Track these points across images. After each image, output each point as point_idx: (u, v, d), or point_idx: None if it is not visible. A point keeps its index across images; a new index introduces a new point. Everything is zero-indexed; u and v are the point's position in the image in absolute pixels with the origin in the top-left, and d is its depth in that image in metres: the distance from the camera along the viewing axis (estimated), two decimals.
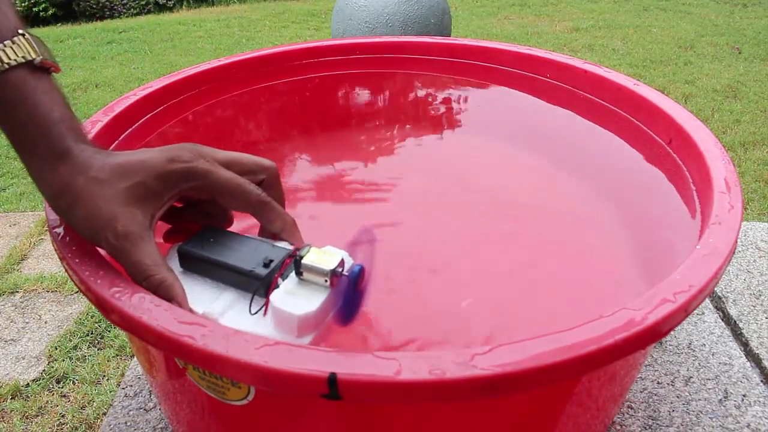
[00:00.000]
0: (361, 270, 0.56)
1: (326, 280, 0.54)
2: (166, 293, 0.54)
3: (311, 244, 0.57)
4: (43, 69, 0.55)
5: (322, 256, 0.55)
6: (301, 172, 0.96)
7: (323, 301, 0.53)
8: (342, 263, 0.55)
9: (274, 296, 0.54)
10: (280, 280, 0.55)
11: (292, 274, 0.55)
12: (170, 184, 0.57)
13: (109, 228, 0.54)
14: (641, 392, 0.88)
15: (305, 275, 0.54)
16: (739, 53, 3.61)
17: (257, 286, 0.55)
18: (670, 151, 0.87)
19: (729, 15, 4.50)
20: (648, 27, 4.29)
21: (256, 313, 0.54)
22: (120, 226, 0.54)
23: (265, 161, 0.62)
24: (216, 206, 0.62)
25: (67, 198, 0.55)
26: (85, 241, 0.61)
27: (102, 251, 0.59)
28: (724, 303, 1.06)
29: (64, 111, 0.57)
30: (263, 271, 0.55)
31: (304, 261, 0.54)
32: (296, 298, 0.53)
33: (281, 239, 0.59)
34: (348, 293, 0.55)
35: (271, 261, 0.55)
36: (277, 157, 0.98)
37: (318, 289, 0.54)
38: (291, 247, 0.58)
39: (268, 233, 0.60)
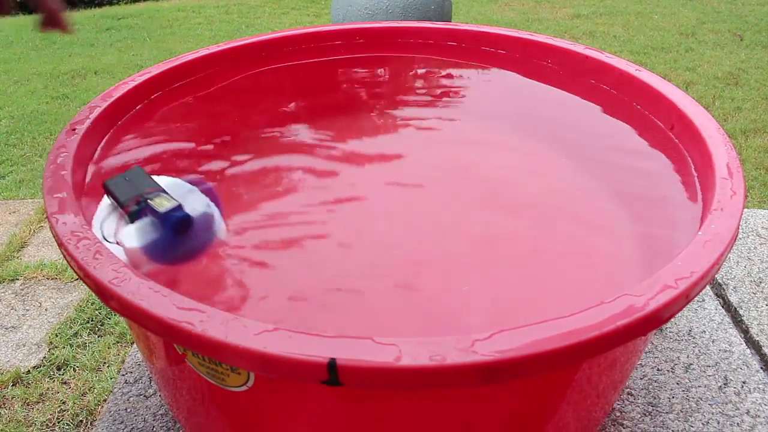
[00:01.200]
0: (185, 218, 0.65)
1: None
2: None
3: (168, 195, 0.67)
4: None
5: (163, 201, 0.65)
6: (300, 153, 0.95)
7: (150, 239, 0.63)
8: (176, 209, 0.64)
9: (126, 229, 0.65)
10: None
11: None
12: None
13: None
14: (641, 379, 0.88)
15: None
16: (741, 40, 3.59)
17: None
18: (672, 136, 0.86)
19: (731, 1, 4.47)
20: (649, 13, 4.26)
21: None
22: None
23: None
24: None
25: None
26: (84, 229, 0.61)
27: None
28: (724, 290, 1.06)
29: None
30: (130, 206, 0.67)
31: (149, 202, 0.65)
32: (137, 235, 0.65)
33: None
34: (168, 235, 0.64)
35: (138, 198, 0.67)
36: (276, 141, 0.98)
37: (153, 230, 0.65)
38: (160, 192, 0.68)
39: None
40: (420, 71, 1.18)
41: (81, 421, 1.27)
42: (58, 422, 1.27)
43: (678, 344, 0.94)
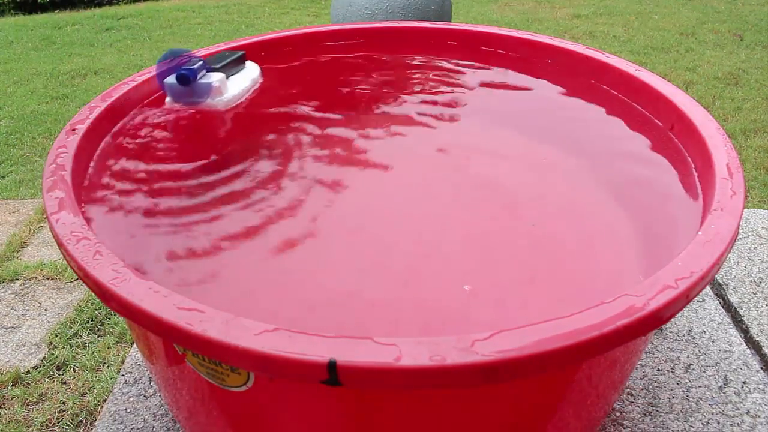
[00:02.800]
0: (185, 75, 0.95)
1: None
2: None
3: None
4: None
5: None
6: (299, 152, 0.95)
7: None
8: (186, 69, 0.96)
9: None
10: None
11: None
12: None
13: None
14: (641, 379, 0.88)
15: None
16: (741, 40, 3.59)
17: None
18: (672, 136, 0.86)
19: (731, 1, 4.48)
20: (649, 13, 4.26)
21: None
22: None
23: None
24: None
25: None
26: (84, 229, 0.61)
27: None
28: (724, 290, 1.06)
29: None
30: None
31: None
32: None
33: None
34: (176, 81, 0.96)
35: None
36: (275, 140, 0.98)
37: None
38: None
39: None
40: (419, 71, 1.18)
41: (81, 421, 1.27)
42: (58, 422, 1.27)
43: (678, 344, 0.94)
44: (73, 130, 0.81)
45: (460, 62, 1.17)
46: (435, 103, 1.09)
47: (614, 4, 4.55)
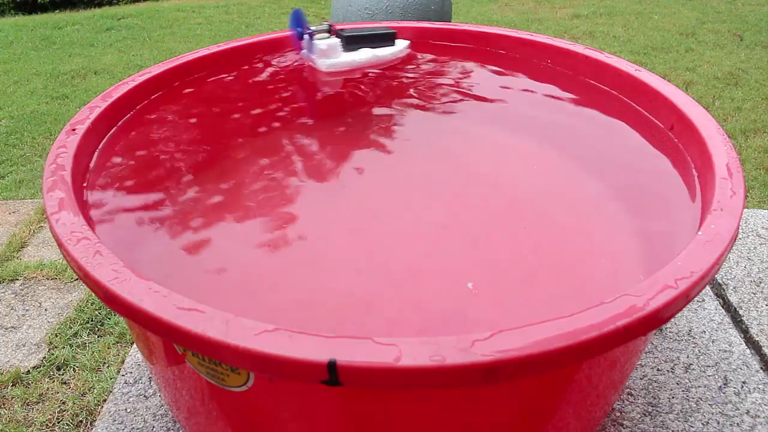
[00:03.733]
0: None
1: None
2: None
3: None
4: None
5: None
6: (300, 152, 0.95)
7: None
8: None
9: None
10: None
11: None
12: None
13: None
14: (641, 379, 0.88)
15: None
16: (741, 40, 3.59)
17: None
18: (672, 136, 0.86)
19: (731, 1, 4.47)
20: (649, 14, 4.26)
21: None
22: None
23: None
24: None
25: None
26: (83, 229, 0.61)
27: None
28: (724, 290, 1.06)
29: None
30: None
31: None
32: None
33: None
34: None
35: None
36: (276, 140, 0.98)
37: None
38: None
39: None
40: (419, 71, 1.18)
41: (81, 421, 1.27)
42: (58, 422, 1.27)
43: (678, 344, 0.94)
44: (73, 130, 0.81)
45: (460, 62, 1.17)
46: (434, 103, 1.09)
47: (614, 4, 4.55)
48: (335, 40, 1.16)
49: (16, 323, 1.54)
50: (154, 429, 0.84)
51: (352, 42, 1.17)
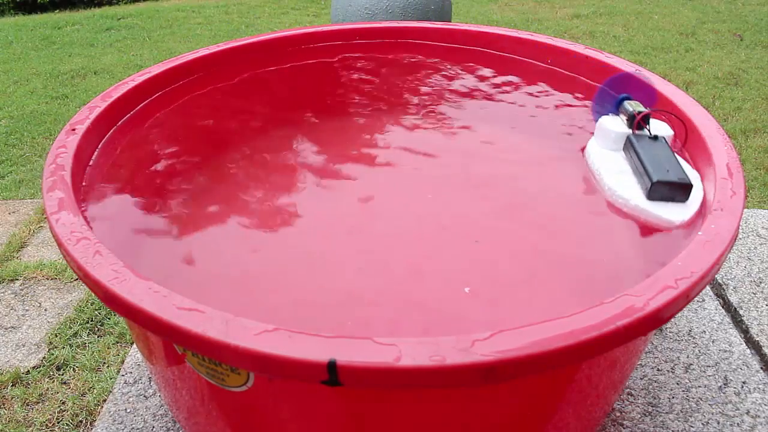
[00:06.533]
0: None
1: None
2: None
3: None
4: None
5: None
6: (300, 152, 0.95)
7: None
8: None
9: None
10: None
11: None
12: None
13: None
14: (641, 379, 0.88)
15: None
16: (741, 40, 3.59)
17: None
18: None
19: (731, 1, 4.47)
20: (649, 13, 4.26)
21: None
22: None
23: None
24: None
25: None
26: (83, 229, 0.61)
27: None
28: (724, 290, 1.06)
29: None
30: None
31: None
32: None
33: None
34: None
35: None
36: (275, 140, 0.98)
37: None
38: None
39: None
40: (419, 71, 1.18)
41: (80, 421, 1.26)
42: (58, 422, 1.27)
43: (678, 344, 0.94)
44: (73, 130, 0.81)
45: (459, 62, 1.17)
46: (434, 103, 1.09)
47: (614, 4, 4.55)
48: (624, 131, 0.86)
49: (16, 323, 1.54)
50: (154, 429, 0.84)
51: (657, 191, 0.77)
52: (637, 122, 0.84)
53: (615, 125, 0.86)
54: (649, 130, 0.83)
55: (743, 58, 3.32)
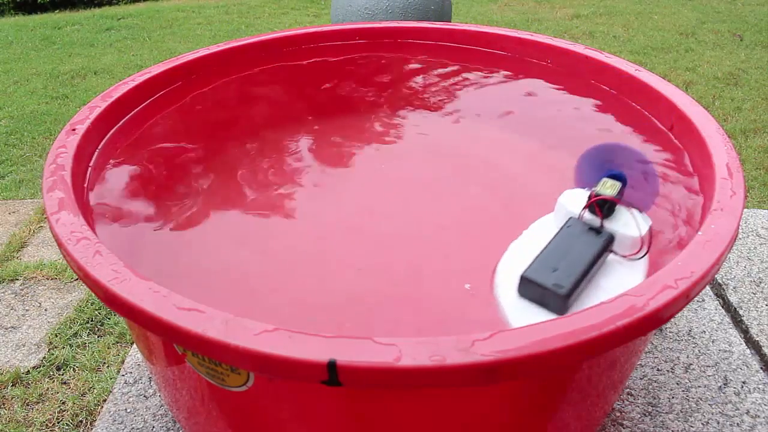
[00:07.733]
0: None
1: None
2: None
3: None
4: None
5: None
6: (300, 152, 0.95)
7: None
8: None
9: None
10: None
11: None
12: None
13: None
14: (641, 379, 0.88)
15: None
16: (741, 40, 3.59)
17: None
18: (672, 136, 0.86)
19: (731, 2, 4.47)
20: (649, 14, 4.26)
21: None
22: None
23: None
24: None
25: None
26: (83, 229, 0.61)
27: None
28: (724, 290, 1.06)
29: None
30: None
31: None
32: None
33: None
34: None
35: None
36: (275, 140, 0.98)
37: None
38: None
39: None
40: (419, 71, 1.18)
41: (81, 421, 1.26)
42: (58, 422, 1.27)
43: (678, 344, 0.94)
44: (73, 130, 0.81)
45: (460, 62, 1.17)
46: (434, 103, 1.09)
47: (614, 4, 4.55)
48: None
49: (16, 323, 1.54)
50: (154, 429, 0.84)
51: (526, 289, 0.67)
52: (588, 205, 0.70)
53: (570, 200, 0.74)
54: (602, 223, 0.69)
55: (743, 58, 3.33)
